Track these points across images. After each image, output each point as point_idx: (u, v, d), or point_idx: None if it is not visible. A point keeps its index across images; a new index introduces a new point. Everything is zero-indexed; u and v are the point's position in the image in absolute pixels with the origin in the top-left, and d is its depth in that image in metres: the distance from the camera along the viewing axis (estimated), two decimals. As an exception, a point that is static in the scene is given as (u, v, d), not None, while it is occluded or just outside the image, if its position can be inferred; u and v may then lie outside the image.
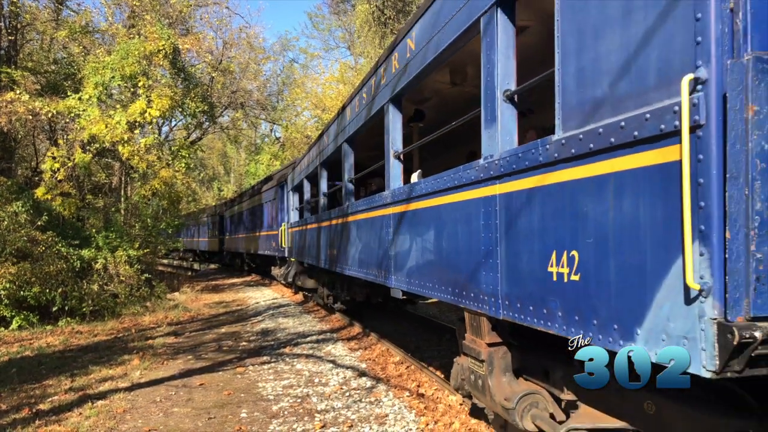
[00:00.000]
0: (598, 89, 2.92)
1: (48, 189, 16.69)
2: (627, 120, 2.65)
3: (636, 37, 2.66)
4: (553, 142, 3.24)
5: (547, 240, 3.31)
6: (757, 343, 2.08)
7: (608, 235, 2.79)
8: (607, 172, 2.80)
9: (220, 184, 59.24)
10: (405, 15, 28.91)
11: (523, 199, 3.60)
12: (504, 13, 3.94)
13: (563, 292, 3.14)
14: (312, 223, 12.42)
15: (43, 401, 6.72)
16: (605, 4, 2.85)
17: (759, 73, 2.16)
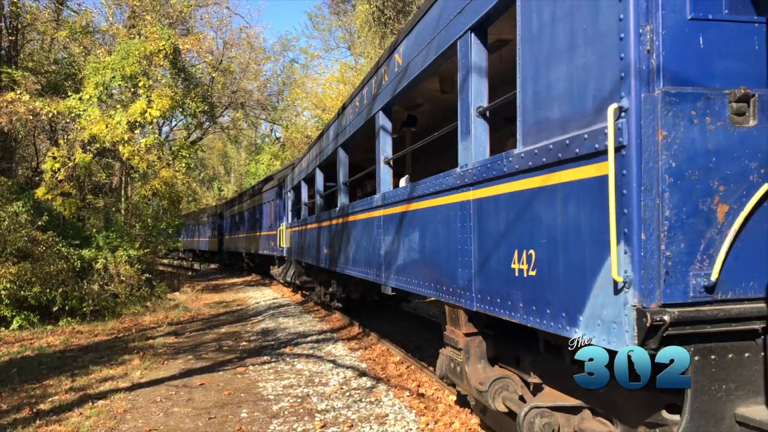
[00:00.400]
0: (549, 111, 3.37)
1: (48, 189, 16.71)
2: (571, 139, 3.10)
3: (578, 69, 3.11)
4: (514, 155, 3.70)
5: (510, 240, 3.77)
6: (666, 325, 2.56)
7: (557, 237, 3.23)
8: (556, 182, 3.26)
9: (221, 184, 59.25)
10: (405, 15, 28.91)
11: (492, 204, 4.06)
12: (477, 37, 4.40)
13: (523, 286, 3.60)
14: (309, 224, 12.79)
15: (43, 401, 6.72)
16: (555, 39, 3.31)
17: (667, 105, 2.64)
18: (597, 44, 2.98)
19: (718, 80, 2.75)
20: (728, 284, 2.73)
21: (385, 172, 7.01)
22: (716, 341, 2.77)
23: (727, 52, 2.79)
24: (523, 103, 3.65)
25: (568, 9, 3.21)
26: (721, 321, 2.67)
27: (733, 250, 2.71)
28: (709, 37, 2.79)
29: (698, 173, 2.69)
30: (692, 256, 2.69)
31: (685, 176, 2.68)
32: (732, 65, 2.75)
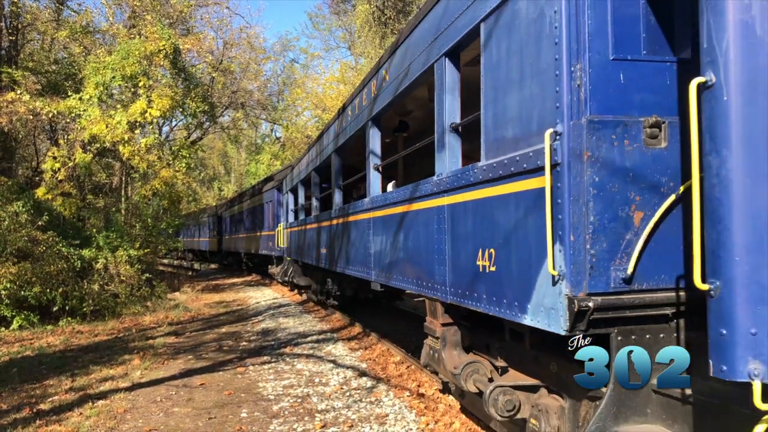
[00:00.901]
0: (505, 131, 3.93)
1: (49, 189, 16.71)
2: (520, 155, 3.66)
3: (526, 97, 3.67)
4: (478, 167, 4.25)
5: (476, 240, 4.30)
6: (591, 311, 3.09)
7: (511, 237, 3.78)
8: (509, 192, 3.83)
9: (221, 183, 59.24)
10: (405, 15, 28.90)
11: (461, 209, 4.61)
12: (451, 61, 4.95)
13: (486, 280, 4.13)
14: (306, 225, 13.30)
15: (43, 401, 6.72)
16: (510, 70, 3.88)
17: (591, 130, 3.18)
18: (539, 78, 3.53)
19: (635, 109, 3.26)
20: (643, 277, 3.23)
21: (374, 178, 7.55)
22: (635, 324, 3.26)
23: (643, 87, 3.30)
24: (485, 122, 4.20)
25: (518, 46, 3.76)
26: (637, 307, 3.19)
27: (647, 248, 3.21)
28: (628, 74, 3.33)
29: (617, 186, 3.21)
30: (613, 254, 3.21)
31: (607, 188, 3.20)
32: (647, 97, 3.24)
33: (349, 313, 12.64)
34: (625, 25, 3.36)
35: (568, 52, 3.29)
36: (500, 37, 4.03)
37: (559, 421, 3.83)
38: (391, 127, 8.67)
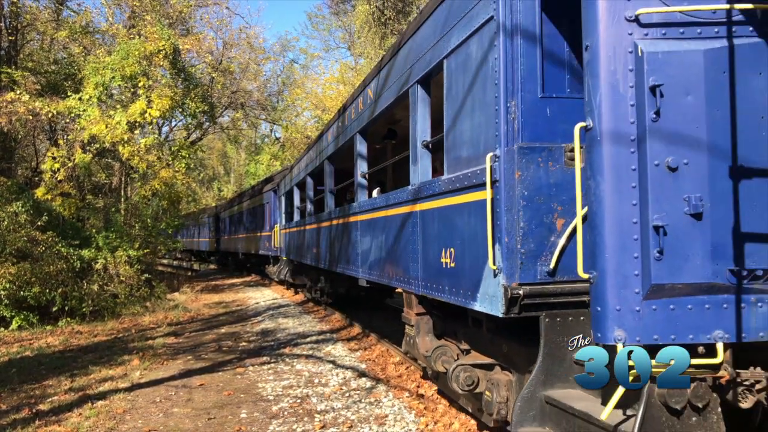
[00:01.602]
0: (461, 151, 4.76)
1: (48, 189, 16.70)
2: (471, 172, 4.44)
3: (475, 125, 4.47)
4: (442, 180, 5.07)
5: (440, 241, 5.07)
6: (521, 297, 3.78)
7: (465, 239, 4.54)
8: (463, 201, 4.60)
9: (220, 184, 59.20)
10: (405, 15, 28.92)
11: (429, 214, 5.39)
12: (422, 88, 5.76)
13: (447, 274, 4.91)
14: (301, 226, 14.11)
15: (42, 401, 6.72)
16: (464, 101, 4.68)
17: (521, 155, 3.89)
18: (484, 111, 4.30)
19: (558, 137, 3.91)
20: (564, 271, 3.87)
21: (361, 185, 8.34)
22: (559, 309, 3.90)
23: (566, 119, 3.92)
24: (447, 142, 5.04)
25: (470, 82, 4.54)
26: (559, 295, 3.85)
27: (566, 248, 3.84)
28: (553, 108, 4.04)
29: (543, 198, 3.90)
30: (539, 252, 3.90)
31: (534, 200, 3.90)
32: (569, 127, 3.65)
33: (341, 310, 12.84)
34: (552, 68, 4.13)
35: (505, 91, 4.02)
36: (458, 74, 4.85)
37: (507, 392, 4.54)
38: (381, 135, 9.19)
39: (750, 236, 2.95)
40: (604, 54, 3.16)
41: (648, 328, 3.07)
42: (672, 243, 3.08)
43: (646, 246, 3.09)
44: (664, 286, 3.07)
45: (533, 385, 3.90)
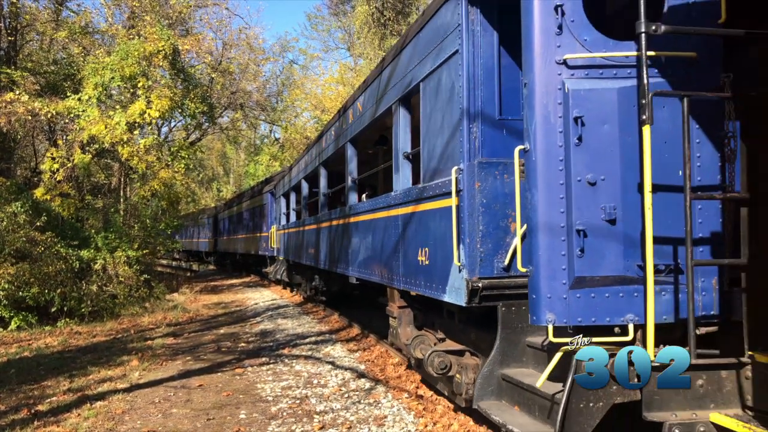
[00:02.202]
0: (434, 163, 5.51)
1: (47, 189, 16.68)
2: (441, 182, 5.19)
3: (445, 142, 5.21)
4: (419, 188, 5.83)
5: (417, 241, 5.80)
6: (480, 289, 4.48)
7: (437, 239, 5.25)
8: (435, 207, 5.34)
9: (220, 184, 59.14)
10: (404, 16, 28.91)
11: (409, 217, 6.08)
12: (403, 106, 6.53)
13: (423, 270, 5.62)
14: (296, 227, 14.84)
15: (41, 402, 6.71)
16: (436, 121, 5.44)
17: (480, 169, 4.61)
18: (451, 130, 5.05)
19: (513, 154, 4.31)
20: (516, 267, 4.45)
21: (351, 189, 9.02)
22: (514, 299, 4.54)
23: (519, 138, 4.38)
24: (422, 155, 5.82)
25: (441, 104, 5.30)
26: (513, 287, 4.51)
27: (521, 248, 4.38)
28: (509, 129, 4.79)
29: (499, 206, 4.60)
30: (495, 251, 4.60)
31: (491, 207, 4.59)
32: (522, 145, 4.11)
33: (340, 311, 12.91)
34: (508, 94, 4.86)
35: (467, 114, 4.76)
36: (431, 96, 5.57)
37: (474, 374, 5.09)
38: (373, 140, 9.70)
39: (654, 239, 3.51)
40: (538, 90, 3.82)
41: (573, 312, 3.70)
42: (591, 243, 3.73)
43: (570, 246, 3.75)
44: (586, 278, 3.73)
45: (491, 364, 4.56)
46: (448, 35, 5.07)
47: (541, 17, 3.86)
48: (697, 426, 3.34)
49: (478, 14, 4.82)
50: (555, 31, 3.85)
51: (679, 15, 3.76)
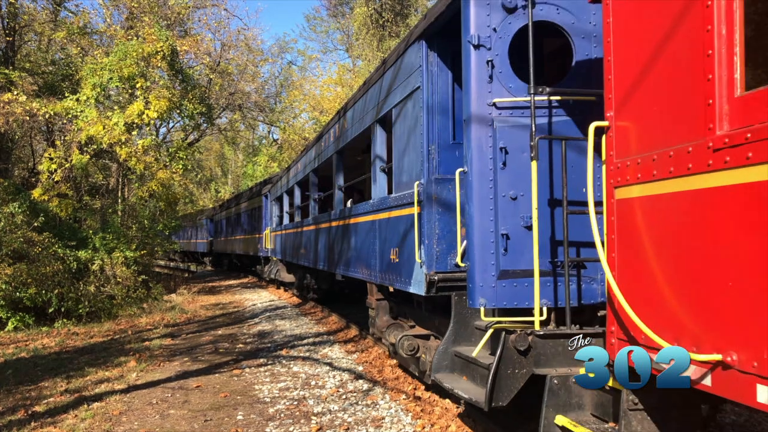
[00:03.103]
0: (402, 177, 6.51)
1: (45, 190, 16.65)
2: (407, 193, 6.18)
3: (411, 160, 6.17)
4: (391, 197, 6.89)
5: (390, 243, 6.81)
6: (437, 281, 5.43)
7: (405, 241, 6.24)
8: (403, 214, 6.32)
9: (218, 185, 59.05)
10: (403, 18, 28.94)
11: (384, 222, 7.12)
12: (380, 126, 7.57)
13: (394, 267, 6.62)
14: (289, 229, 15.88)
15: (38, 403, 6.69)
16: (404, 142, 6.36)
17: (437, 183, 5.56)
18: (415, 151, 6.04)
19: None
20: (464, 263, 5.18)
21: (338, 196, 10.01)
22: (464, 290, 5.16)
23: None
24: (393, 170, 6.84)
25: (408, 129, 6.26)
26: (462, 280, 5.27)
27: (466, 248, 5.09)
28: (461, 151, 5.52)
29: (451, 214, 5.43)
30: (449, 250, 5.55)
31: (445, 215, 5.57)
32: None
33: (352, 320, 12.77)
34: (460, 123, 5.59)
35: (427, 139, 5.77)
36: (400, 121, 6.57)
37: None
38: (361, 149, 10.21)
39: (558, 242, 4.54)
40: (474, 126, 4.77)
41: (500, 298, 4.66)
42: (513, 244, 4.65)
43: (497, 246, 4.68)
44: (509, 271, 4.66)
45: (446, 344, 5.40)
46: (413, 73, 6.06)
47: (476, 69, 4.80)
48: (570, 377, 4.15)
49: (435, 57, 5.76)
50: (487, 80, 4.80)
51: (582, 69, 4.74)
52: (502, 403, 4.40)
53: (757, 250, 2.20)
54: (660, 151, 2.74)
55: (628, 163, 3.03)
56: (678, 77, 2.65)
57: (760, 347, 2.11)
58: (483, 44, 4.83)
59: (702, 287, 2.51)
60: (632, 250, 3.01)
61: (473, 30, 4.83)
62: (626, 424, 3.10)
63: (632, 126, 3.03)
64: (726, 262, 2.38)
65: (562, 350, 4.39)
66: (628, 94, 3.04)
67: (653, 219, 2.84)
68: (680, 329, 2.61)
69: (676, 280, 2.68)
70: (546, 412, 4.08)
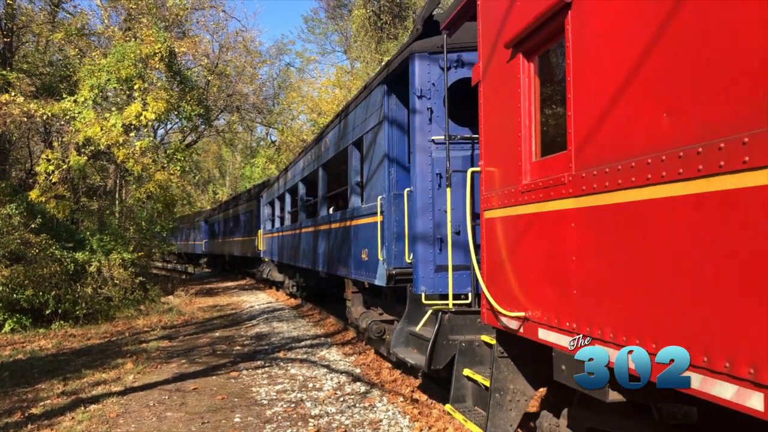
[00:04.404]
0: (372, 191, 7.74)
1: (42, 191, 16.61)
2: (373, 205, 7.39)
3: (379, 178, 7.38)
4: (363, 207, 8.19)
5: (362, 244, 8.06)
6: (395, 275, 6.70)
7: (372, 243, 7.39)
8: (370, 221, 7.57)
9: (215, 187, 59.00)
10: (401, 20, 28.97)
11: (357, 228, 8.43)
12: (355, 147, 8.78)
13: (365, 264, 7.83)
14: (280, 232, 16.97)
15: (35, 405, 6.68)
16: (374, 163, 7.58)
17: (394, 198, 6.75)
18: (380, 171, 7.30)
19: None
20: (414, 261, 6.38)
21: (322, 204, 11.38)
22: None
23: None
24: (365, 184, 8.22)
25: (374, 153, 7.65)
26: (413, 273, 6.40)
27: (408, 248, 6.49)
28: None
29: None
30: (404, 251, 6.46)
31: (400, 223, 6.56)
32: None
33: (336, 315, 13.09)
34: None
35: (388, 161, 7.08)
36: (370, 146, 7.88)
37: None
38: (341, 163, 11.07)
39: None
40: (418, 156, 6.33)
41: (437, 286, 6.13)
42: (445, 246, 5.80)
43: (434, 247, 6.17)
44: (443, 266, 5.97)
45: (402, 324, 6.63)
46: (378, 108, 7.43)
47: (419, 113, 6.34)
48: (474, 342, 5.23)
49: (394, 98, 7.13)
50: (428, 122, 6.31)
51: None
52: (440, 366, 5.50)
53: (535, 252, 3.61)
54: (504, 189, 4.05)
55: (491, 195, 4.29)
56: (509, 146, 3.96)
57: (538, 307, 3.55)
58: (425, 95, 6.32)
59: (523, 276, 3.80)
60: (492, 252, 4.27)
61: (417, 84, 6.33)
62: (496, 366, 4.25)
63: (492, 171, 4.30)
64: (533, 259, 3.66)
65: (469, 323, 5.49)
66: (488, 151, 4.40)
67: (502, 231, 4.12)
68: (513, 301, 3.88)
69: (512, 272, 3.93)
70: (457, 366, 5.18)
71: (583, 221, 3.02)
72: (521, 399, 4.22)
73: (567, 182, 3.16)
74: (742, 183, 2.03)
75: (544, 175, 3.48)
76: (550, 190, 3.34)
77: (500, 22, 3.98)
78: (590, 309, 2.98)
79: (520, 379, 4.20)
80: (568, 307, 3.16)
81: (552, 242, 3.37)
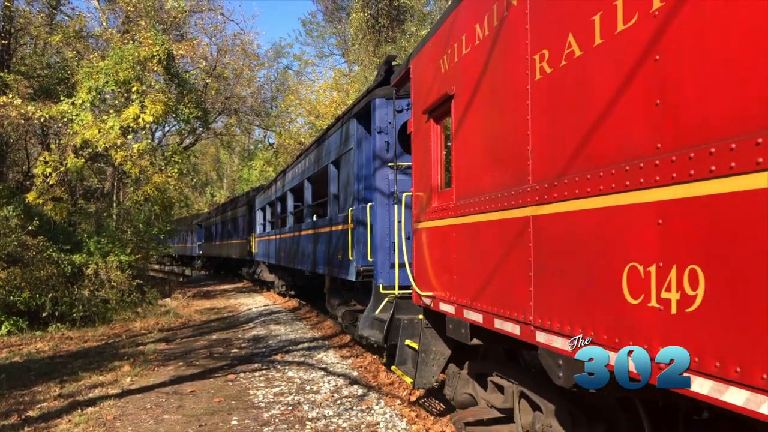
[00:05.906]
0: (345, 203, 9.56)
1: (39, 193, 16.60)
2: (345, 215, 9.15)
3: (349, 192, 9.23)
4: (339, 216, 9.67)
5: (338, 247, 9.50)
6: (362, 272, 8.36)
7: (346, 246, 8.98)
8: (343, 228, 9.28)
9: (213, 189, 58.96)
10: (399, 23, 29.01)
11: (336, 233, 9.79)
12: (334, 166, 10.38)
13: (339, 263, 9.45)
14: (272, 235, 18.21)
15: (32, 407, 6.67)
16: (347, 178, 9.48)
17: (362, 210, 8.40)
18: (350, 185, 9.10)
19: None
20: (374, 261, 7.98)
21: (307, 211, 12.83)
22: None
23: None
24: (340, 197, 9.85)
25: (347, 171, 9.39)
26: None
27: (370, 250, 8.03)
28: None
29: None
30: (366, 253, 8.02)
31: (366, 230, 8.12)
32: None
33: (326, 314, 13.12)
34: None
35: (357, 179, 8.61)
36: (344, 165, 9.52)
37: None
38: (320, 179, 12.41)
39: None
40: (377, 178, 7.97)
41: (391, 279, 7.39)
42: (399, 249, 6.52)
43: (390, 250, 7.61)
44: (394, 263, 7.02)
45: (368, 311, 8.14)
46: (351, 136, 9.01)
47: (379, 145, 7.98)
48: (414, 319, 6.24)
49: (362, 129, 8.69)
50: (385, 151, 7.90)
51: None
52: (393, 342, 6.77)
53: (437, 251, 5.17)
54: (425, 209, 5.49)
55: (418, 212, 5.75)
56: (427, 179, 5.40)
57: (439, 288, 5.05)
58: (383, 131, 7.94)
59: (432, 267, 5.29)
60: (418, 252, 5.76)
61: (377, 123, 7.98)
62: (423, 334, 5.58)
63: (419, 195, 5.71)
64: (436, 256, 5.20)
65: (411, 306, 6.48)
66: (416, 181, 5.82)
67: (423, 237, 5.56)
68: (428, 285, 5.36)
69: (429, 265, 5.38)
70: (401, 338, 6.36)
71: (459, 232, 4.61)
72: (440, 358, 5.51)
73: (451, 207, 4.76)
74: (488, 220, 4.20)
75: (442, 201, 5.08)
76: (445, 212, 4.92)
77: (424, 95, 5.50)
78: (461, 286, 4.54)
79: (439, 343, 5.51)
80: (452, 287, 4.72)
81: (444, 245, 4.97)
